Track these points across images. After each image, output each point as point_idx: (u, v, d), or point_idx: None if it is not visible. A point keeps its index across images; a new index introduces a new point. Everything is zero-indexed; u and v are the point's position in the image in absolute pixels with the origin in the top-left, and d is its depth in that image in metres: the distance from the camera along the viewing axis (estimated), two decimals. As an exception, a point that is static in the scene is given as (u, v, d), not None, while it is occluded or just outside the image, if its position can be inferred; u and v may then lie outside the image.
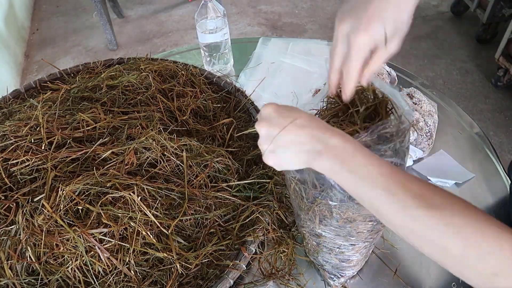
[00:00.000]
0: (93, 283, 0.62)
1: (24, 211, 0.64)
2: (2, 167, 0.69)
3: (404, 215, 0.39)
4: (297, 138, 0.45)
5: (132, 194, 0.64)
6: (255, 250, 0.69)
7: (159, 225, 0.65)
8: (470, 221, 0.37)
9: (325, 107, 0.57)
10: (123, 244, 0.63)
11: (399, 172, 0.41)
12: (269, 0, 3.16)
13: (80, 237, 0.61)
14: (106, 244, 0.62)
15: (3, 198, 0.67)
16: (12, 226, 0.64)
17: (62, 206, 0.63)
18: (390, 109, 0.52)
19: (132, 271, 0.63)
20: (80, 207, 0.64)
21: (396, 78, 1.01)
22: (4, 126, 0.75)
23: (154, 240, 0.64)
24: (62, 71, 1.02)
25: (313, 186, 0.51)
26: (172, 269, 0.65)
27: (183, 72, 0.97)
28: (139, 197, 0.64)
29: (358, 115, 0.51)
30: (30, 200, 0.66)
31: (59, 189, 0.64)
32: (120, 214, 0.64)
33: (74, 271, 0.62)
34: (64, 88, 0.90)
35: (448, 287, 0.68)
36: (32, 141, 0.72)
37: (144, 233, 0.64)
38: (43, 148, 0.71)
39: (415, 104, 0.91)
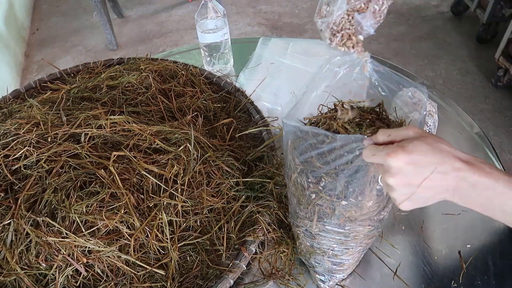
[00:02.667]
0: (93, 278, 0.62)
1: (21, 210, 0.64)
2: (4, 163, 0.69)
3: None
4: (442, 183, 0.44)
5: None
6: (255, 250, 0.69)
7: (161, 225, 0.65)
8: None
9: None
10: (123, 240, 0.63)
11: None
12: (269, 0, 3.16)
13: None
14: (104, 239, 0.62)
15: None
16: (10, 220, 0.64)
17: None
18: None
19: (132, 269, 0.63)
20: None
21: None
22: (5, 124, 0.74)
23: (154, 242, 0.64)
24: (62, 71, 1.02)
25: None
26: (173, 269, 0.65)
27: (183, 72, 0.97)
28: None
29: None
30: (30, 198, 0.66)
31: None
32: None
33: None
34: (64, 88, 0.90)
35: (448, 286, 0.68)
36: (34, 136, 0.72)
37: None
38: (49, 140, 0.71)
39: (415, 104, 0.91)
